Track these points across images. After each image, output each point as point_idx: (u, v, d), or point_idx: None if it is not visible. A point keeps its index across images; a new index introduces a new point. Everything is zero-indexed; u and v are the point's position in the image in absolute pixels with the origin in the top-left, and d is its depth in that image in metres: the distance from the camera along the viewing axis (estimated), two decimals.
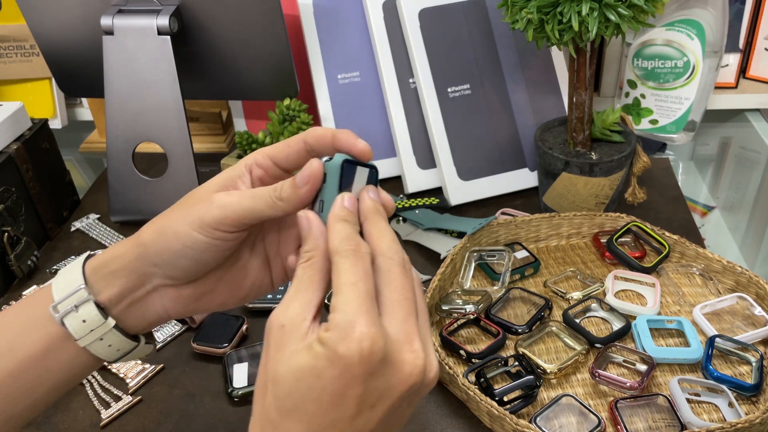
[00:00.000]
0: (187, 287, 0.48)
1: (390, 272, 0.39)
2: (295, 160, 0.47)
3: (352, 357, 0.35)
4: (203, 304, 0.49)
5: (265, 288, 0.51)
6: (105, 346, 0.47)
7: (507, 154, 0.97)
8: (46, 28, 0.94)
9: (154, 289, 0.47)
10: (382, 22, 0.97)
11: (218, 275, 0.49)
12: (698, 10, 0.94)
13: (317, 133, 0.45)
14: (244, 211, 0.44)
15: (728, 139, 1.17)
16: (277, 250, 0.50)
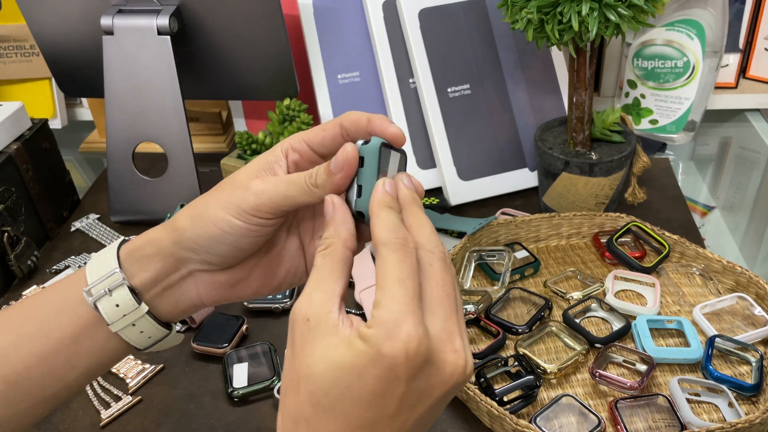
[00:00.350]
0: (222, 273, 0.47)
1: (432, 267, 0.37)
2: (330, 145, 0.46)
3: (398, 357, 0.33)
4: (238, 291, 0.49)
5: (300, 275, 0.50)
6: (137, 332, 0.46)
7: (507, 154, 0.97)
8: (46, 28, 0.94)
9: (189, 274, 0.47)
10: (382, 22, 0.97)
11: (253, 262, 0.48)
12: (698, 10, 0.94)
13: (353, 117, 0.45)
14: (280, 197, 0.44)
15: (728, 139, 1.17)
16: (312, 236, 0.50)
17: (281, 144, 0.47)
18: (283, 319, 0.78)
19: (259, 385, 0.68)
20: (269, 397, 0.68)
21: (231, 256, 0.46)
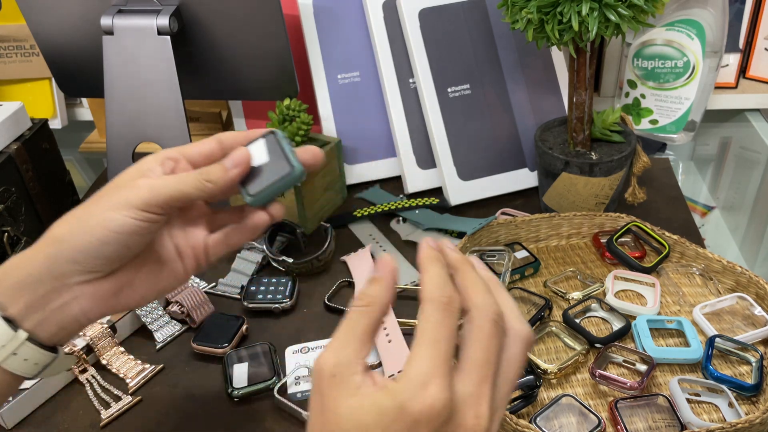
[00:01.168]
0: (105, 281, 0.47)
1: (481, 329, 0.37)
2: (207, 156, 0.50)
3: (421, 415, 0.33)
4: (123, 298, 0.49)
5: (180, 278, 0.52)
6: (20, 360, 0.45)
7: (507, 154, 0.97)
8: (46, 28, 0.94)
9: (69, 290, 0.46)
10: (382, 22, 0.97)
11: (136, 267, 0.49)
12: (698, 10, 0.94)
13: (230, 136, 0.51)
14: (172, 191, 0.45)
15: (728, 139, 1.17)
16: (186, 241, 0.52)
17: (153, 155, 0.49)
18: (283, 319, 0.78)
19: (259, 385, 0.68)
20: (269, 397, 0.68)
21: (117, 257, 0.46)
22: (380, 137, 1.01)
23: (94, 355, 0.73)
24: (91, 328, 0.73)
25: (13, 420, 0.67)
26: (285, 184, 0.49)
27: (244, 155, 0.48)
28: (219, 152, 0.50)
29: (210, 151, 0.50)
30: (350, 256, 0.87)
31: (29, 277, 0.45)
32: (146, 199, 0.45)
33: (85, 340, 0.72)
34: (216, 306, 0.79)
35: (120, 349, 0.74)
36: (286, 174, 0.48)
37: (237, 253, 0.87)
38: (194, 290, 0.78)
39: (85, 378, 0.71)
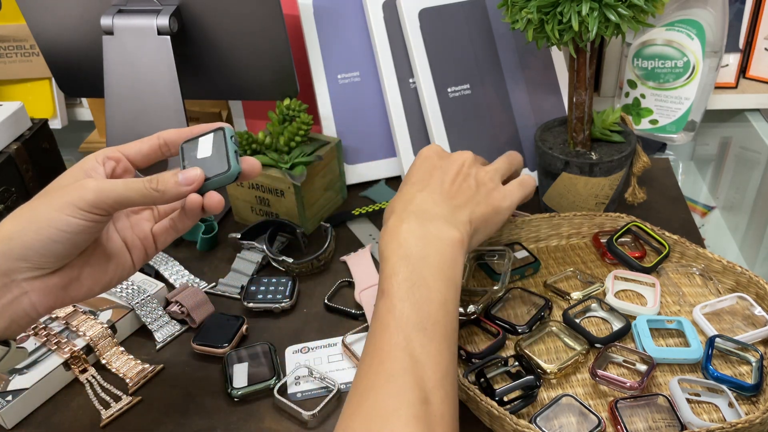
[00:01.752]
0: (53, 276, 0.48)
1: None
2: (147, 155, 0.53)
3: (426, 152, 0.71)
4: (72, 292, 0.50)
5: (128, 270, 0.54)
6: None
7: None
8: (46, 28, 0.94)
9: (18, 286, 0.47)
10: (382, 22, 0.97)
11: (83, 261, 0.50)
12: (698, 10, 0.94)
13: (172, 133, 0.55)
14: (117, 196, 0.47)
15: (728, 139, 1.17)
16: (133, 233, 0.54)
17: (94, 154, 0.51)
18: (283, 319, 0.78)
19: (259, 385, 0.68)
20: (269, 397, 0.68)
21: (64, 254, 0.48)
22: (380, 137, 1.01)
23: (94, 355, 0.73)
24: (92, 328, 0.73)
25: (13, 420, 0.67)
26: (219, 180, 0.52)
27: (199, 177, 0.50)
28: (159, 151, 0.53)
29: (150, 150, 0.53)
30: (350, 256, 0.87)
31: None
32: (92, 201, 0.46)
33: (85, 340, 0.72)
34: (216, 306, 0.79)
35: (120, 349, 0.74)
36: (222, 172, 0.51)
37: (237, 253, 0.87)
38: (194, 290, 0.78)
39: (85, 378, 0.71)
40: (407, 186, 0.65)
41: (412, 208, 0.61)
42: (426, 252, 0.57)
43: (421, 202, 0.62)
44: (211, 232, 0.90)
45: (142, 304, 0.77)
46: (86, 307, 0.77)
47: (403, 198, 0.63)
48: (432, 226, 0.59)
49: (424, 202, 0.62)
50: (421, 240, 0.58)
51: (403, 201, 0.62)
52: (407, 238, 0.58)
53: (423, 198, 0.63)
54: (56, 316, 0.75)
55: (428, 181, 0.65)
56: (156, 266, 0.85)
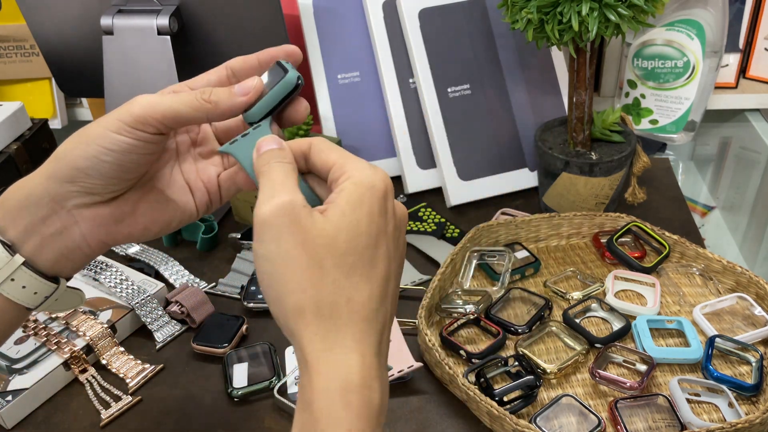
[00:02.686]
0: (105, 207, 0.45)
1: None
2: (216, 86, 0.48)
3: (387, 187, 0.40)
4: (125, 227, 0.47)
5: (189, 214, 0.50)
6: (19, 287, 0.44)
7: (507, 154, 0.97)
8: (46, 28, 0.94)
9: (68, 214, 0.44)
10: (382, 22, 0.97)
11: (139, 194, 0.47)
12: (698, 10, 0.94)
13: (239, 61, 0.49)
14: (166, 109, 0.43)
15: (728, 139, 1.17)
16: (197, 176, 0.50)
17: (161, 91, 0.47)
18: None
19: (259, 385, 0.68)
20: (269, 397, 0.68)
21: (114, 177, 0.44)
22: (380, 137, 1.01)
23: (94, 355, 0.73)
24: (92, 328, 0.73)
25: (13, 420, 0.67)
26: (279, 90, 0.46)
27: (257, 84, 0.46)
28: (228, 81, 0.48)
29: (218, 81, 0.48)
30: None
31: (29, 198, 0.43)
32: (137, 115, 0.43)
33: (85, 340, 0.72)
34: (216, 306, 0.79)
35: (120, 349, 0.74)
36: (279, 79, 0.46)
37: (237, 253, 0.87)
38: (194, 290, 0.78)
39: (85, 378, 0.71)
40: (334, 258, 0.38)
41: (348, 316, 0.38)
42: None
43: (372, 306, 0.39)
44: (211, 232, 0.90)
45: (142, 304, 0.77)
46: (86, 307, 0.77)
47: (328, 286, 0.38)
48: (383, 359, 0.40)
49: (376, 307, 0.39)
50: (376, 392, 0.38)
51: (327, 291, 0.38)
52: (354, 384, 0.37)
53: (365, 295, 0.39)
54: (56, 316, 0.75)
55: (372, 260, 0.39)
56: (156, 266, 0.85)
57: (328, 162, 0.41)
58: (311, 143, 0.43)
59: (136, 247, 0.89)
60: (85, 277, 0.81)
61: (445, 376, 0.67)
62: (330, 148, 0.42)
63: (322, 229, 0.38)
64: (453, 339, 0.71)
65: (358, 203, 0.39)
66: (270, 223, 0.38)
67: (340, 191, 0.39)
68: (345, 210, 0.39)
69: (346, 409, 0.36)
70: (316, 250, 0.38)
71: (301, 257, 0.37)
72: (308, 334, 0.38)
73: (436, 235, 0.89)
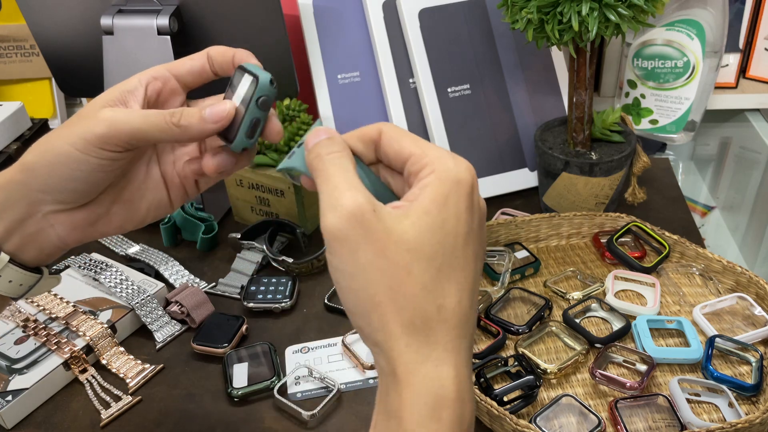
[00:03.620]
0: (79, 211, 0.45)
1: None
2: (198, 74, 0.47)
3: (473, 178, 0.37)
4: (100, 227, 0.47)
5: (164, 208, 0.49)
6: (5, 282, 0.45)
7: (507, 154, 0.97)
8: (46, 28, 0.94)
9: (44, 218, 0.45)
10: (382, 22, 0.97)
11: (112, 197, 0.47)
12: (698, 10, 0.94)
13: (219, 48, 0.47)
14: (132, 131, 0.42)
15: (728, 139, 1.17)
16: (173, 170, 0.49)
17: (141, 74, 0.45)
18: (283, 319, 0.78)
19: (259, 385, 0.68)
20: (269, 397, 0.68)
21: (85, 191, 0.44)
22: None
23: (94, 355, 0.73)
24: (92, 328, 0.73)
25: (13, 420, 0.67)
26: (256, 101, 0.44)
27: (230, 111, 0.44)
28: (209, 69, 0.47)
29: (201, 68, 0.47)
30: None
31: (7, 201, 0.44)
32: (103, 135, 0.41)
33: (85, 340, 0.72)
34: (216, 306, 0.79)
35: (120, 349, 0.74)
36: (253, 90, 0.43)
37: (237, 253, 0.87)
38: (194, 290, 0.78)
39: (85, 378, 0.71)
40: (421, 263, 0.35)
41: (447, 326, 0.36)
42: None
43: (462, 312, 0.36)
44: (211, 232, 0.90)
45: (142, 304, 0.77)
46: (86, 307, 0.77)
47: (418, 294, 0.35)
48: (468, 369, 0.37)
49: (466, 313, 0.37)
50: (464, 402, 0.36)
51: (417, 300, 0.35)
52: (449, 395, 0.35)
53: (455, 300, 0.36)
54: (56, 316, 0.75)
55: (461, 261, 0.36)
56: (156, 266, 0.85)
57: (402, 152, 0.38)
58: (381, 130, 0.39)
59: (136, 247, 0.89)
60: (85, 277, 0.81)
61: None
62: (403, 135, 0.38)
63: (404, 233, 0.34)
64: None
65: (444, 200, 0.35)
66: (342, 237, 0.34)
67: (424, 187, 0.36)
68: (430, 209, 0.35)
69: (438, 423, 0.34)
70: (401, 255, 0.34)
71: (384, 266, 0.34)
72: (399, 346, 0.35)
73: None
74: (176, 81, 0.47)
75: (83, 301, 0.78)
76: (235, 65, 0.46)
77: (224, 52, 0.46)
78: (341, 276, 0.36)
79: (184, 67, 0.47)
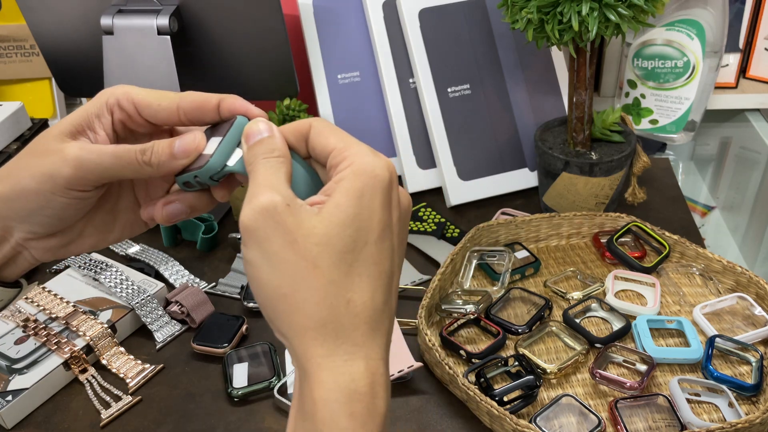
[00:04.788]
0: (52, 238, 0.45)
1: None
2: (164, 119, 0.44)
3: (393, 174, 0.37)
4: (73, 249, 0.46)
5: (138, 228, 0.48)
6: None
7: (507, 154, 0.97)
8: (46, 28, 0.94)
9: (16, 243, 0.44)
10: (382, 22, 0.97)
11: (84, 222, 0.46)
12: (698, 10, 0.94)
13: (195, 101, 0.44)
14: (102, 171, 0.41)
15: (728, 139, 1.17)
16: (147, 193, 0.48)
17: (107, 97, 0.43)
18: None
19: (259, 385, 0.68)
20: (269, 397, 0.68)
21: (55, 224, 0.44)
22: (380, 137, 1.01)
23: (94, 355, 0.73)
24: (92, 328, 0.73)
25: (13, 420, 0.67)
26: (201, 174, 0.42)
27: (198, 145, 0.42)
28: (177, 118, 0.45)
29: (167, 116, 0.45)
30: None
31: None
32: (71, 177, 0.40)
33: (85, 340, 0.72)
34: (216, 306, 0.79)
35: (120, 349, 0.74)
36: (202, 164, 0.42)
37: (237, 253, 0.87)
38: (194, 290, 0.78)
39: (85, 378, 0.71)
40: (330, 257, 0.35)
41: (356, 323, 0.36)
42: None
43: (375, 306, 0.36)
44: (211, 232, 0.90)
45: (142, 304, 0.77)
46: (86, 307, 0.77)
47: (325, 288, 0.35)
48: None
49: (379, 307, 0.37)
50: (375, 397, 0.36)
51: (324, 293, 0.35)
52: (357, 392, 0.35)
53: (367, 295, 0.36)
54: (56, 316, 0.75)
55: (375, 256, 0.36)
56: (156, 266, 0.85)
57: (327, 146, 0.38)
58: (311, 124, 0.39)
59: (136, 247, 0.89)
60: (85, 277, 0.81)
61: (445, 376, 0.67)
62: (330, 130, 0.39)
63: (313, 226, 0.35)
64: (453, 339, 0.71)
65: (358, 194, 0.35)
66: (253, 227, 0.35)
67: (339, 180, 0.36)
68: (342, 202, 0.35)
69: (350, 419, 0.34)
70: (308, 248, 0.35)
71: (291, 259, 0.35)
72: (306, 340, 0.35)
73: (436, 235, 0.89)
74: (141, 118, 0.45)
75: (83, 301, 0.78)
76: (227, 113, 0.44)
77: (203, 104, 0.44)
78: (251, 267, 0.36)
79: (149, 109, 0.44)
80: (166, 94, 0.45)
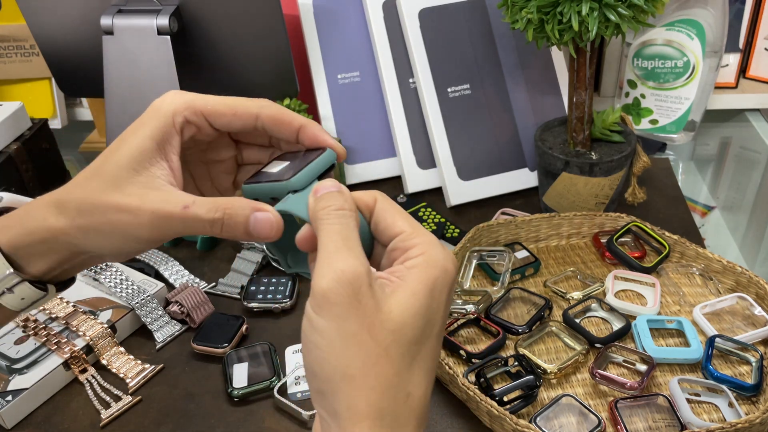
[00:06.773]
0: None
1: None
2: (239, 128, 0.43)
3: (455, 268, 0.37)
4: (121, 258, 0.47)
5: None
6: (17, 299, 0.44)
7: (507, 154, 0.97)
8: (46, 28, 0.94)
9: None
10: (382, 22, 0.97)
11: None
12: (698, 10, 0.94)
13: (275, 115, 0.42)
14: (175, 233, 0.41)
15: (728, 139, 1.17)
16: (212, 186, 0.48)
17: (170, 113, 0.43)
18: (283, 319, 0.78)
19: (259, 385, 0.68)
20: (269, 397, 0.68)
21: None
22: (380, 137, 1.01)
23: (94, 355, 0.73)
24: (92, 328, 0.73)
25: (13, 420, 0.67)
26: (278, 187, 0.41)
27: (275, 230, 0.40)
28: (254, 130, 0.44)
29: (243, 127, 0.44)
30: None
31: (50, 251, 0.43)
32: (149, 237, 0.41)
33: (85, 340, 0.72)
34: (216, 306, 0.79)
35: (120, 349, 0.74)
36: (277, 185, 0.41)
37: (237, 253, 0.87)
38: (194, 290, 0.78)
39: (85, 378, 0.71)
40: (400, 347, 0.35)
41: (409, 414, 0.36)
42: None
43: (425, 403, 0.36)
44: None
45: (142, 304, 0.77)
46: (86, 307, 0.77)
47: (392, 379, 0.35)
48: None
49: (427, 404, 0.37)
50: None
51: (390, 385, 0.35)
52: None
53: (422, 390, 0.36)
54: (56, 316, 0.75)
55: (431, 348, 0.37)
56: (156, 266, 0.85)
57: (394, 226, 0.38)
58: (376, 198, 0.39)
59: None
60: (86, 277, 0.81)
61: (445, 376, 0.67)
62: (396, 210, 0.38)
63: (389, 311, 0.34)
64: (453, 339, 0.71)
65: (431, 287, 0.35)
66: (334, 301, 0.34)
67: (411, 267, 0.35)
68: (417, 291, 0.35)
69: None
70: (384, 335, 0.34)
71: (366, 342, 0.34)
72: (362, 427, 0.34)
73: (436, 235, 0.89)
74: (211, 128, 0.43)
75: (83, 301, 0.78)
76: (305, 141, 0.42)
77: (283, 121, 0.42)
78: (320, 338, 0.34)
79: (224, 119, 0.43)
80: (238, 102, 0.44)
